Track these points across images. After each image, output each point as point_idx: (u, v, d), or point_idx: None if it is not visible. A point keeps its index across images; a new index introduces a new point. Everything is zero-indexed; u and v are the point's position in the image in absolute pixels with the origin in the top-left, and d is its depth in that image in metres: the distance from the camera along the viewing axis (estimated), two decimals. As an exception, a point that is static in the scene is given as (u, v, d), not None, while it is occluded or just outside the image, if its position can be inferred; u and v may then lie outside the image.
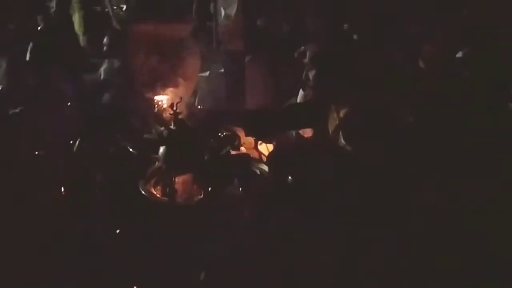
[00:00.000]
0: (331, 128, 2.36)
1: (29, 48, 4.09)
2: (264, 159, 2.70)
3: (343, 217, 2.22)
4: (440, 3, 3.92)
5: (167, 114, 2.59)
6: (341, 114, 2.29)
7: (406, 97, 2.51)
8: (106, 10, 7.50)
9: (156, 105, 3.08)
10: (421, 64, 3.44)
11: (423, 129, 2.35)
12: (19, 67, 4.36)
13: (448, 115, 2.54)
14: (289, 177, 2.51)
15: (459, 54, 3.37)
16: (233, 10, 3.61)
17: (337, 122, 2.30)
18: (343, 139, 2.26)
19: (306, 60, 2.42)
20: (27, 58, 4.09)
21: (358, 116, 2.28)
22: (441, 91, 2.91)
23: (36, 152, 2.85)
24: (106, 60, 4.88)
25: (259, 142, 2.76)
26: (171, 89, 3.13)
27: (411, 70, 3.30)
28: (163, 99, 3.11)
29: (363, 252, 2.16)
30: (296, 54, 2.51)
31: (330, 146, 2.41)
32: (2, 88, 4.19)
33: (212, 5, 4.27)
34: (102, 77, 4.77)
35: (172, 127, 2.41)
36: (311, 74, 2.43)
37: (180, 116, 2.44)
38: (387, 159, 2.16)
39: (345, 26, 3.44)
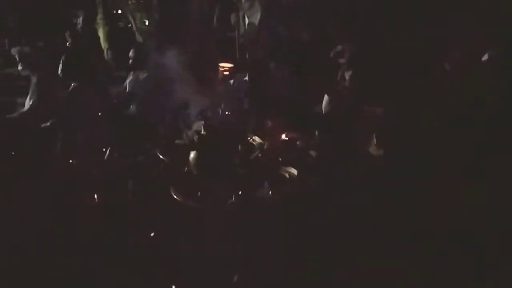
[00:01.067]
0: (363, 129, 2.35)
1: (60, 63, 4.19)
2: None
3: (368, 221, 2.22)
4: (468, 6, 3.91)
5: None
6: (376, 116, 2.28)
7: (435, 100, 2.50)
8: (129, 25, 7.68)
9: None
10: (447, 67, 3.43)
11: (450, 131, 2.34)
12: (49, 82, 4.49)
13: (474, 117, 2.52)
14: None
15: (485, 57, 3.35)
16: (257, 19, 3.66)
17: (370, 125, 2.29)
18: (376, 142, 2.25)
19: (343, 60, 2.43)
20: (59, 73, 4.19)
21: (393, 119, 2.28)
22: (468, 94, 2.89)
23: (70, 161, 2.92)
24: (132, 73, 4.98)
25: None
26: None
27: (437, 73, 3.28)
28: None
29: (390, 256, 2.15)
30: (332, 54, 2.51)
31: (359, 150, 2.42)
32: (33, 102, 4.32)
33: (233, 15, 4.35)
34: (128, 89, 4.87)
35: (202, 132, 2.45)
36: (347, 75, 2.43)
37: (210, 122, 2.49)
38: (417, 164, 2.15)
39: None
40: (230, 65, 3.91)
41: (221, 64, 3.91)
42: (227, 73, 3.73)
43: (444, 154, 2.25)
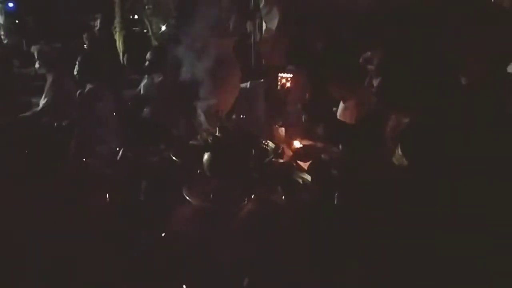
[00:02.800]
0: (388, 138, 2.31)
1: (76, 64, 4.23)
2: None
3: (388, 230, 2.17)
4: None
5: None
6: (402, 124, 2.24)
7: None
8: (145, 30, 7.76)
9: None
10: (463, 80, 3.38)
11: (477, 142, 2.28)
12: (64, 82, 4.53)
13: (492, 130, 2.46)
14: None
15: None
16: (274, 24, 3.65)
17: (397, 132, 2.25)
18: (401, 150, 2.21)
19: (372, 66, 2.38)
20: (75, 73, 4.22)
21: (420, 127, 2.23)
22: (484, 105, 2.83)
23: (84, 159, 2.92)
24: (146, 76, 5.01)
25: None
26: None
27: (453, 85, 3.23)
28: None
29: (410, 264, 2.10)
30: (361, 60, 2.46)
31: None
32: (47, 100, 4.36)
33: (250, 21, 4.35)
34: (142, 92, 4.90)
35: (217, 134, 2.43)
36: (375, 81, 2.39)
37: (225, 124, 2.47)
38: (443, 174, 2.10)
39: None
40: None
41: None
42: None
43: (470, 164, 2.18)
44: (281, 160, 2.72)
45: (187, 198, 2.36)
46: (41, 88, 4.63)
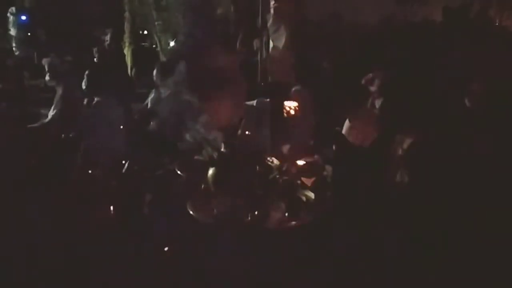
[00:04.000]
0: (392, 157, 2.34)
1: (85, 77, 4.29)
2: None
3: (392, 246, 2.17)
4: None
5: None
6: (405, 144, 2.27)
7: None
8: (154, 46, 7.86)
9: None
10: (468, 103, 3.40)
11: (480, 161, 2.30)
12: (73, 94, 4.59)
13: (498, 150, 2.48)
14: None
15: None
16: (281, 43, 3.70)
17: (400, 152, 2.27)
18: (405, 170, 2.23)
19: (374, 87, 2.43)
20: (83, 87, 4.28)
21: (422, 147, 2.25)
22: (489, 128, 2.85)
23: (90, 171, 2.94)
24: (154, 90, 5.05)
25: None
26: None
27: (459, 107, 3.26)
28: None
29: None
30: (363, 81, 2.52)
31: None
32: (55, 112, 4.41)
33: (258, 39, 4.41)
34: (149, 105, 4.94)
35: (222, 150, 2.45)
36: (377, 103, 2.43)
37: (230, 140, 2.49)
38: (445, 192, 2.12)
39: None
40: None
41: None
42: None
43: (474, 184, 2.21)
44: (285, 177, 2.74)
45: (191, 213, 2.37)
46: (50, 99, 4.69)
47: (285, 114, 3.14)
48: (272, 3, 3.70)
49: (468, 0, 6.80)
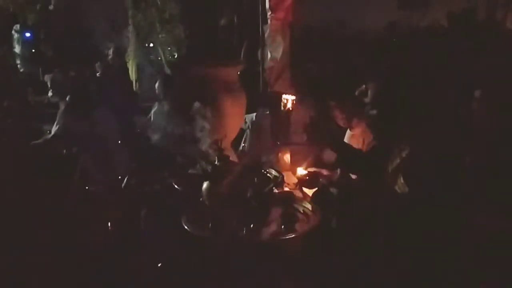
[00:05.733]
0: (390, 166, 2.31)
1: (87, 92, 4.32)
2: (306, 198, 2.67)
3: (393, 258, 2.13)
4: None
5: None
6: (403, 153, 2.24)
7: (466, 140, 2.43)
8: (159, 58, 7.90)
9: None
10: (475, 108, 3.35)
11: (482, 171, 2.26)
12: (76, 110, 4.61)
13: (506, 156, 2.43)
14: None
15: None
16: (279, 53, 3.69)
17: (398, 161, 2.25)
18: (403, 178, 2.20)
19: (368, 99, 2.41)
20: (86, 101, 4.32)
21: (420, 157, 2.22)
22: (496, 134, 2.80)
23: (87, 188, 2.94)
24: (157, 103, 5.08)
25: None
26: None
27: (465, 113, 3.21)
28: None
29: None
30: (357, 92, 2.50)
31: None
32: (58, 127, 4.44)
33: (260, 50, 4.40)
34: (152, 119, 4.96)
35: (216, 163, 2.43)
36: (372, 113, 2.41)
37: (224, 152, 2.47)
38: (444, 202, 2.08)
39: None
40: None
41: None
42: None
43: (472, 193, 2.16)
44: (282, 189, 2.70)
45: (186, 227, 2.34)
46: (53, 115, 4.72)
47: (282, 108, 3.11)
48: (269, 13, 3.70)
49: (472, 4, 6.74)
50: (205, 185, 2.41)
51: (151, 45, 8.60)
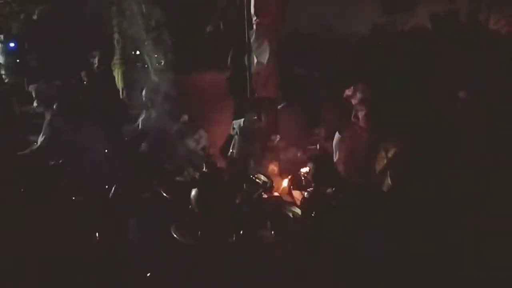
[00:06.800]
0: (378, 167, 2.32)
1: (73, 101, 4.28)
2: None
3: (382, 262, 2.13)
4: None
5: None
6: (390, 154, 2.27)
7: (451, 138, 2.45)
8: (146, 66, 7.85)
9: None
10: (459, 108, 3.38)
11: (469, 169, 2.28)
12: (62, 119, 4.57)
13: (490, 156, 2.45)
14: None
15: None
16: (265, 58, 3.69)
17: (385, 161, 2.26)
18: (390, 179, 2.22)
19: (356, 100, 2.42)
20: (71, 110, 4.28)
21: (407, 156, 2.24)
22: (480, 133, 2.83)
23: (74, 198, 2.90)
24: (144, 111, 5.04)
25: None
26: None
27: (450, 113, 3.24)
28: None
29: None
30: (345, 94, 2.51)
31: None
32: (44, 138, 4.38)
33: (246, 56, 4.39)
34: (140, 127, 4.92)
35: (204, 169, 2.41)
36: (361, 114, 2.43)
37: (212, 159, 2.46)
38: (431, 199, 2.09)
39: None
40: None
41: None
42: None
43: (461, 192, 2.18)
44: (271, 194, 2.70)
45: (175, 235, 2.32)
46: (39, 126, 4.66)
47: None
48: (254, 18, 3.70)
49: (455, 7, 6.81)
50: (193, 192, 2.40)
51: (138, 52, 8.54)
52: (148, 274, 2.24)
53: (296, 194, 3.00)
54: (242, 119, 4.13)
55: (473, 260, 1.97)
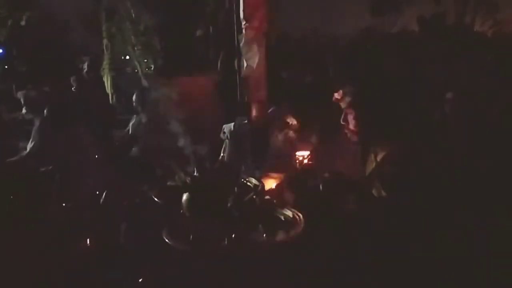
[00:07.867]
0: (367, 170, 2.35)
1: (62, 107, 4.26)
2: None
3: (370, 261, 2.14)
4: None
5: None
6: (379, 157, 2.29)
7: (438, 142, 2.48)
8: (136, 71, 7.86)
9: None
10: (447, 110, 3.42)
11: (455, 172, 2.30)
12: (51, 126, 4.54)
13: (478, 158, 2.48)
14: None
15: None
16: (255, 62, 3.71)
17: (374, 164, 2.29)
18: (379, 182, 2.24)
19: (344, 103, 2.44)
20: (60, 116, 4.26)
21: (395, 159, 2.26)
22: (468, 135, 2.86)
23: (64, 204, 2.89)
24: (135, 116, 5.04)
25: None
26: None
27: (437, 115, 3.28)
28: None
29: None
30: (334, 98, 2.53)
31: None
32: (34, 144, 4.36)
33: (236, 60, 4.41)
34: (130, 131, 4.92)
35: (195, 174, 2.42)
36: (350, 118, 2.45)
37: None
38: (419, 202, 2.11)
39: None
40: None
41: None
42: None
43: (451, 195, 2.20)
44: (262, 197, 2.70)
45: (167, 240, 2.32)
46: (28, 132, 4.64)
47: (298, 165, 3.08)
48: (243, 23, 3.72)
49: (442, 9, 6.91)
50: (184, 196, 2.40)
51: (127, 57, 8.54)
52: (140, 280, 2.23)
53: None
54: (233, 123, 4.14)
55: (460, 263, 1.99)
